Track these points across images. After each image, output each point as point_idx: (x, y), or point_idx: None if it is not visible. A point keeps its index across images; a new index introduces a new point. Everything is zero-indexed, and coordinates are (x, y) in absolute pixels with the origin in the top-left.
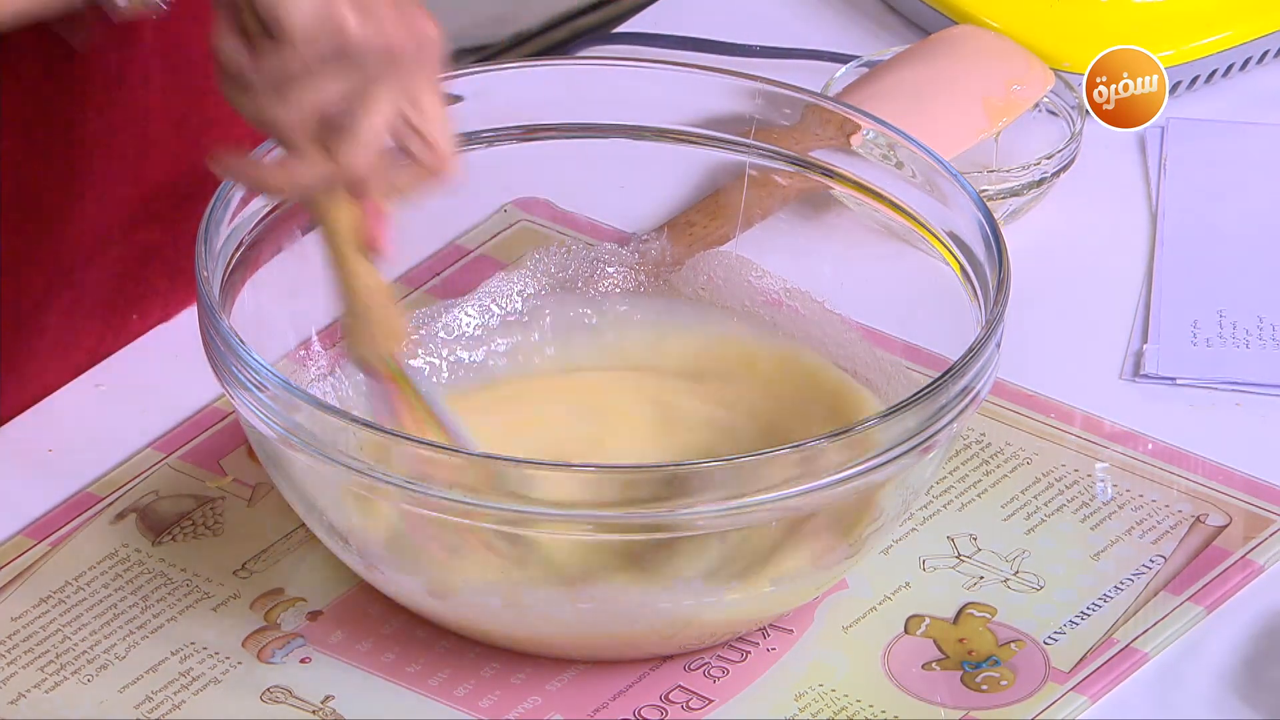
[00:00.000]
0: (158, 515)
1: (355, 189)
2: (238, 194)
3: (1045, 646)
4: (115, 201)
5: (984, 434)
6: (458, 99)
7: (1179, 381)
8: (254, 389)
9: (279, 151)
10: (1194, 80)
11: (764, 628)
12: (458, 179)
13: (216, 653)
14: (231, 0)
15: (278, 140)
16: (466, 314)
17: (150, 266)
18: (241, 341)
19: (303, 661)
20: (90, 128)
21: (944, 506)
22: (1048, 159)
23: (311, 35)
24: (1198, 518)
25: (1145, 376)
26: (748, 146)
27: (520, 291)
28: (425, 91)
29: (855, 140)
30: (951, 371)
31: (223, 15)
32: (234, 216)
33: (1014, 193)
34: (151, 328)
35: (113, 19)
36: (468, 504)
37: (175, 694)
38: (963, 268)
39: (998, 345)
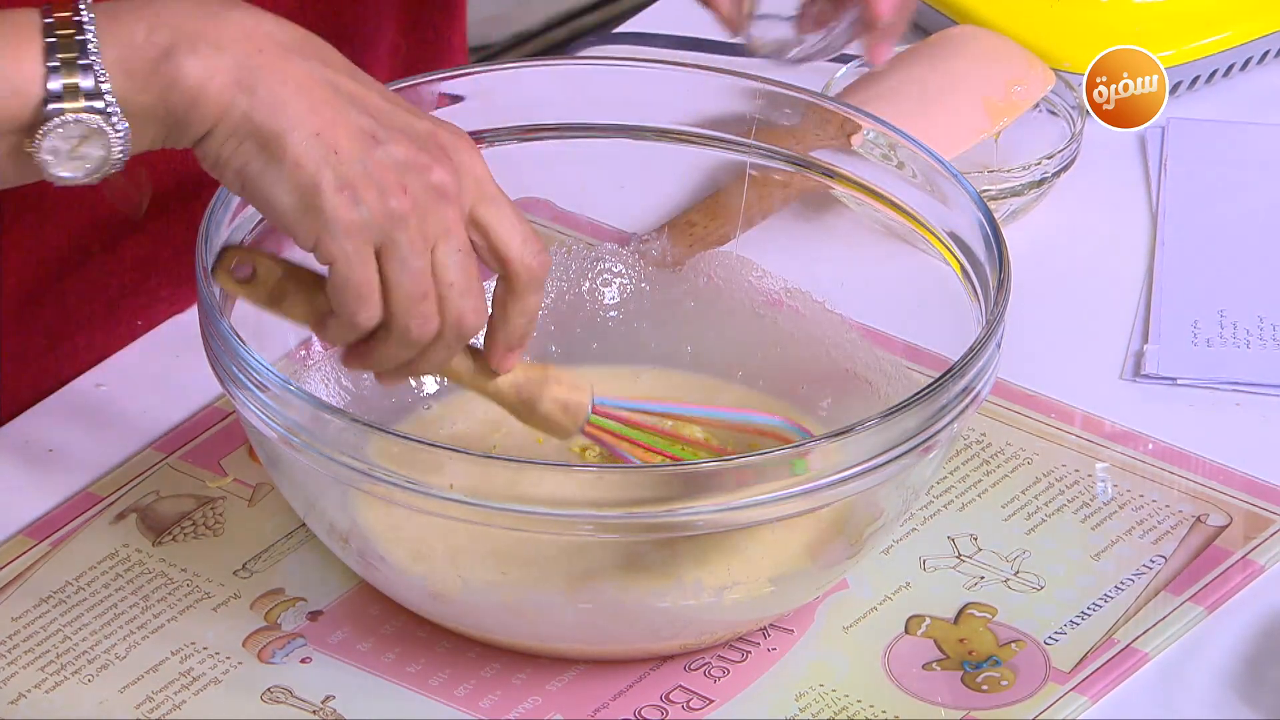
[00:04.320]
0: (158, 515)
1: (463, 332)
2: (237, 197)
3: (1046, 647)
4: (110, 207)
5: (984, 434)
6: (458, 99)
7: (1179, 381)
8: (254, 389)
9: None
10: (1194, 80)
11: (764, 628)
12: (546, 271)
13: (217, 653)
14: None
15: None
16: None
17: (151, 267)
18: (242, 341)
19: (303, 661)
20: None
21: (944, 506)
22: (1048, 159)
23: (312, 238)
24: (1198, 518)
25: (1146, 376)
26: (748, 146)
27: None
28: (480, 203)
29: (856, 140)
30: (952, 372)
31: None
32: (234, 217)
33: (1014, 193)
34: (152, 328)
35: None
36: (468, 504)
37: (176, 694)
38: (963, 268)
39: (998, 345)
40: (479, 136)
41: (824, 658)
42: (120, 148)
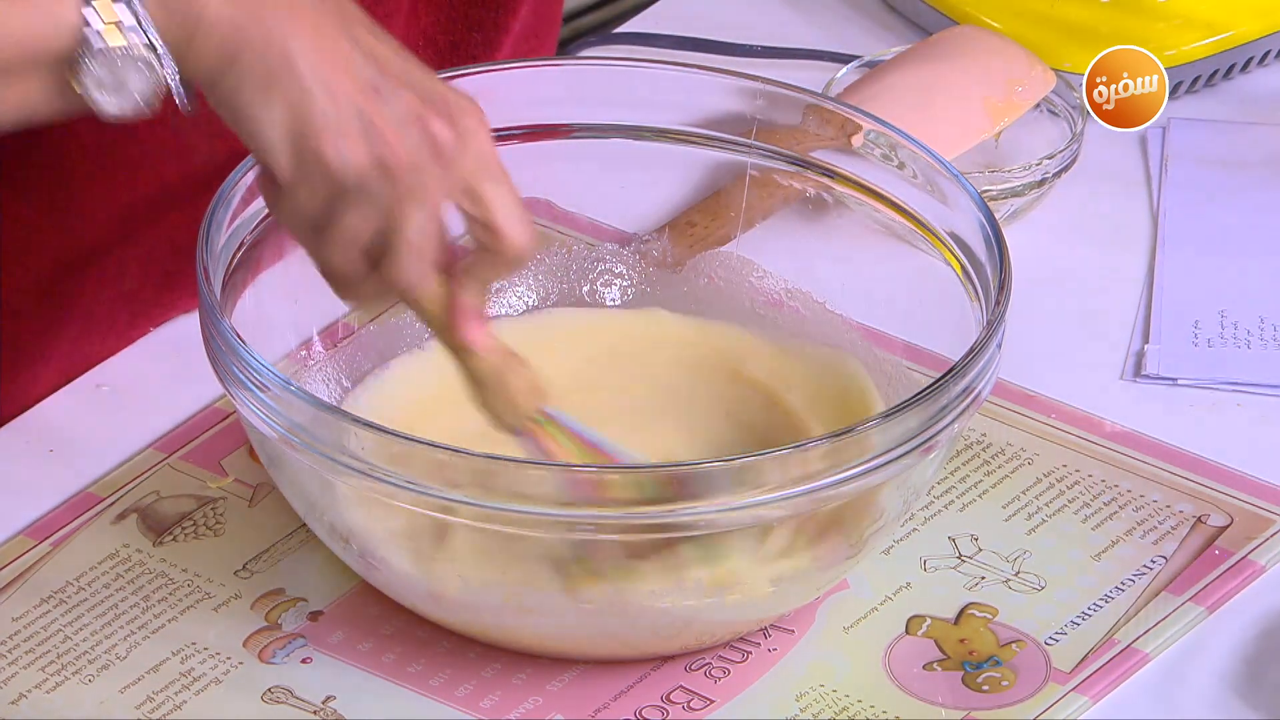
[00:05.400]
0: (159, 515)
1: (407, 297)
2: (238, 195)
3: (1046, 647)
4: (116, 202)
5: (985, 434)
6: None
7: (1180, 382)
8: (255, 389)
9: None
10: (1194, 80)
11: (765, 628)
12: (533, 254)
13: (217, 653)
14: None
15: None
16: None
17: (159, 272)
18: (242, 341)
19: (304, 662)
20: (89, 129)
21: (945, 507)
22: (1049, 159)
23: (298, 178)
24: (1199, 518)
25: (1146, 377)
26: (749, 147)
27: (521, 291)
28: (479, 178)
29: (856, 140)
30: (953, 372)
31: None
32: (235, 217)
33: (1015, 193)
34: (153, 329)
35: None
36: (468, 504)
37: (176, 694)
38: (964, 268)
39: (999, 346)
40: None
41: (824, 658)
42: (165, 77)
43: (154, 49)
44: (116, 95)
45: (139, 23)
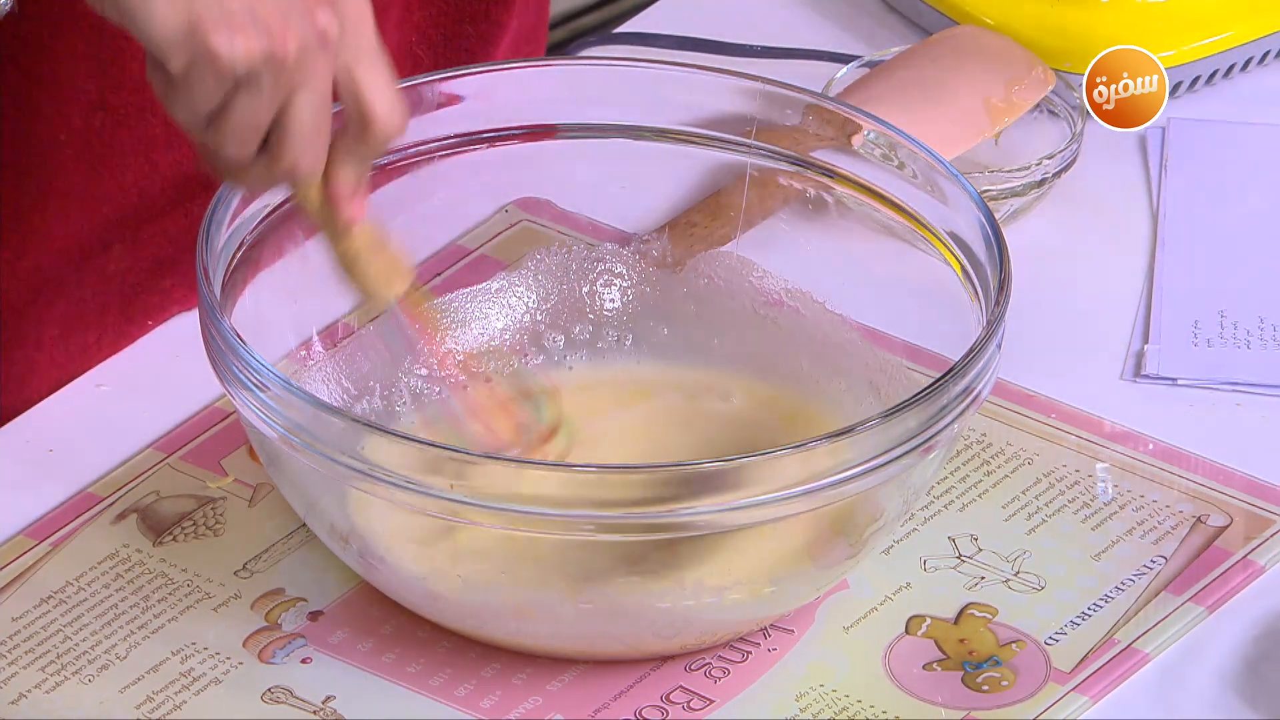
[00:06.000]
0: (159, 515)
1: (296, 180)
2: (238, 195)
3: (1046, 647)
4: (117, 203)
5: (985, 434)
6: (457, 99)
7: (1180, 382)
8: (255, 389)
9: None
10: (1194, 80)
11: (765, 628)
12: (404, 133)
13: (217, 653)
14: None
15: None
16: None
17: (153, 267)
18: (242, 341)
19: (303, 662)
20: (89, 127)
21: (945, 507)
22: (1048, 159)
23: (184, 64)
24: (1199, 518)
25: (1146, 377)
26: (749, 147)
27: (521, 292)
28: (358, 62)
29: (856, 141)
30: (952, 372)
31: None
32: (235, 217)
33: (1015, 193)
34: (147, 322)
35: None
36: (468, 504)
37: (176, 694)
38: (964, 268)
39: (999, 346)
40: (479, 136)
41: (824, 658)
42: None
43: None
44: None
45: None
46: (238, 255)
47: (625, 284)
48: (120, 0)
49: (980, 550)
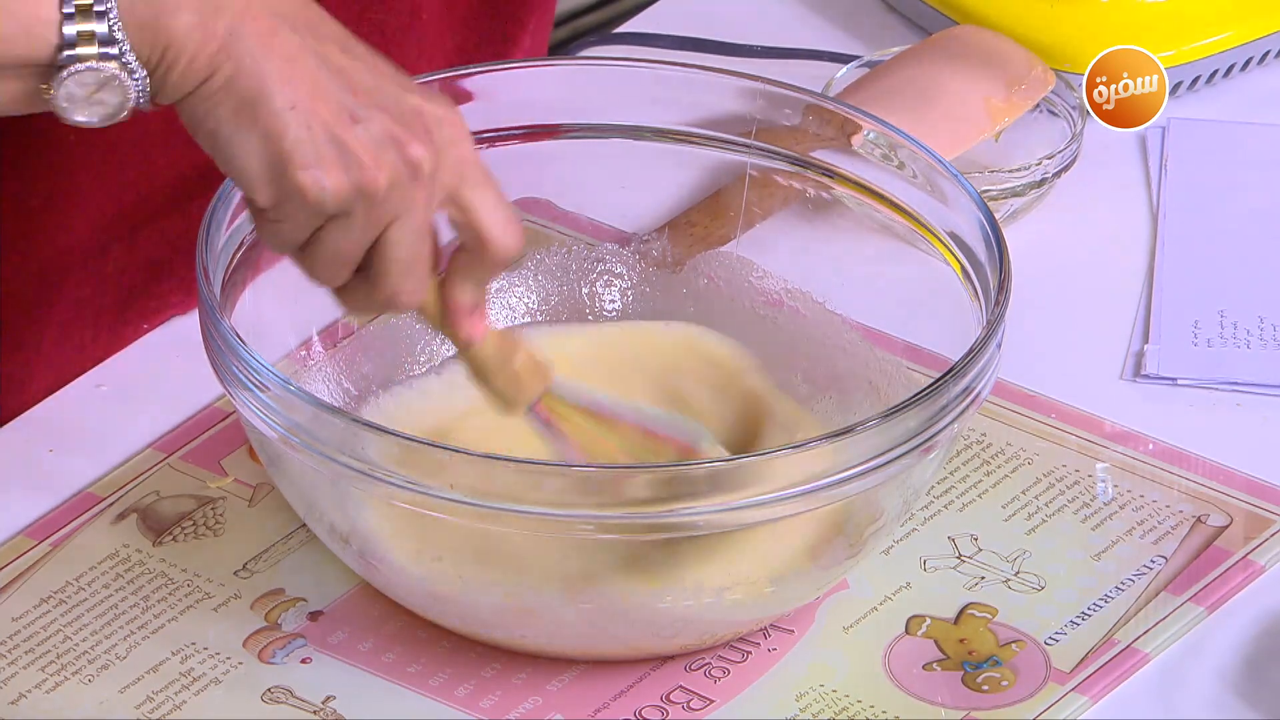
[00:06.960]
0: (158, 515)
1: (399, 308)
2: (238, 195)
3: (1046, 647)
4: (116, 203)
5: (985, 434)
6: (457, 99)
7: (1179, 382)
8: (255, 389)
9: None
10: (1194, 80)
11: (765, 628)
12: (520, 251)
13: (217, 653)
14: None
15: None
16: None
17: (150, 268)
18: (242, 341)
19: (303, 662)
20: (87, 129)
21: (945, 507)
22: (1048, 159)
23: (277, 206)
24: (1198, 518)
25: (1146, 377)
26: (748, 147)
27: (521, 292)
28: (461, 185)
29: (856, 140)
30: (952, 372)
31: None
32: (235, 217)
33: (1015, 193)
34: (144, 323)
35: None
36: (468, 504)
37: (176, 694)
38: (963, 268)
39: (999, 346)
40: (479, 136)
41: (824, 658)
42: (137, 95)
43: (128, 69)
44: (86, 107)
45: (115, 41)
46: (238, 255)
47: (625, 284)
48: (205, 126)
49: (980, 550)
